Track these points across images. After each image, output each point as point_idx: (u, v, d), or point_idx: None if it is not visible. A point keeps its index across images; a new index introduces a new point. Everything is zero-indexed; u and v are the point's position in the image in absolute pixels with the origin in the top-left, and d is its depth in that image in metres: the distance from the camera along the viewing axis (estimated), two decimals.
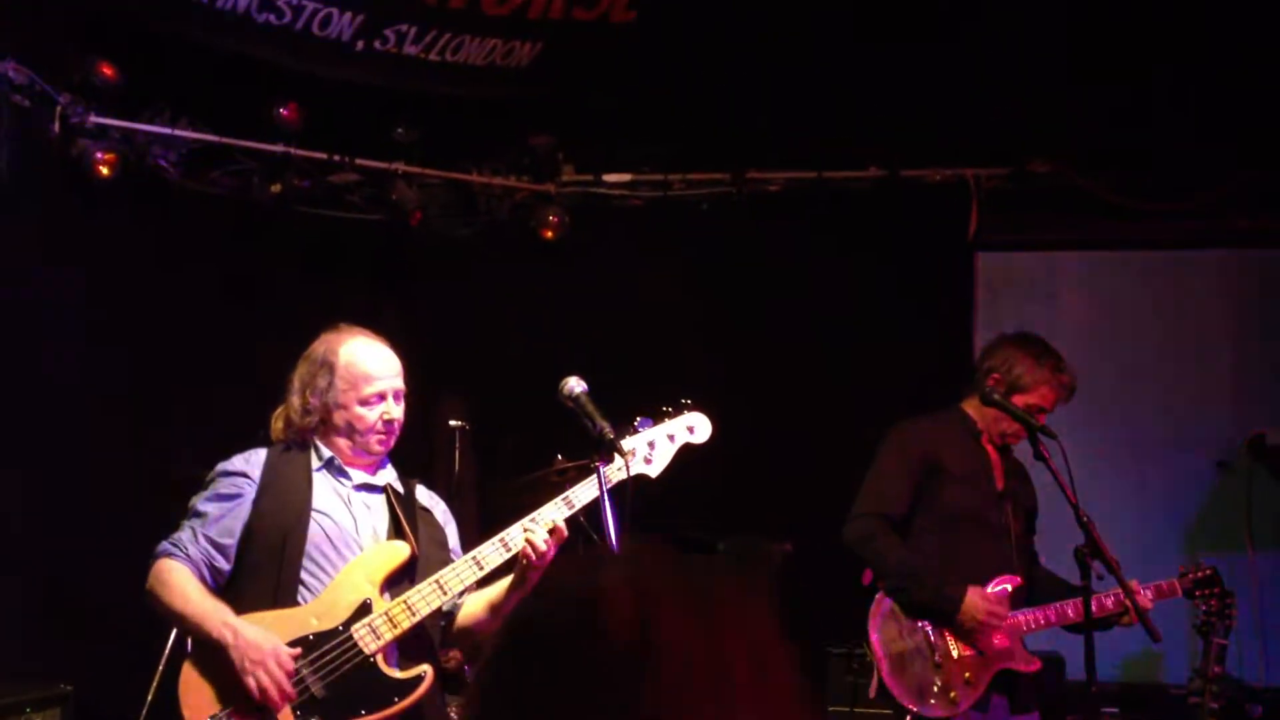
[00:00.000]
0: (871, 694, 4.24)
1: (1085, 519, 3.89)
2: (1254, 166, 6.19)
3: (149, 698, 4.44)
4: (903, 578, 4.20)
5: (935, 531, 4.27)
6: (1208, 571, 4.45)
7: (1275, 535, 6.08)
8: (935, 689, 4.14)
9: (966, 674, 4.17)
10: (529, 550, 3.36)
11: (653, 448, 3.57)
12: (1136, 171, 6.32)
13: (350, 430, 3.51)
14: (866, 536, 4.23)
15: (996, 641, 4.21)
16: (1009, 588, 4.28)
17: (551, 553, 3.39)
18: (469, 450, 5.69)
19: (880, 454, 4.40)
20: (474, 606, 3.56)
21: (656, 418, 3.62)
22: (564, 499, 3.46)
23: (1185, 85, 6.02)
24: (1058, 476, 3.97)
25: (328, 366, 3.52)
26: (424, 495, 3.70)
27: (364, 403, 3.50)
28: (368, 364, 3.53)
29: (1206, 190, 6.25)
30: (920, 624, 4.21)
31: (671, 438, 3.62)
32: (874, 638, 4.22)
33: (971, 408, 4.42)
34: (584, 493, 3.46)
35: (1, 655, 4.94)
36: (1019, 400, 4.27)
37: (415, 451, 4.04)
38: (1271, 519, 6.09)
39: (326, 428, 3.53)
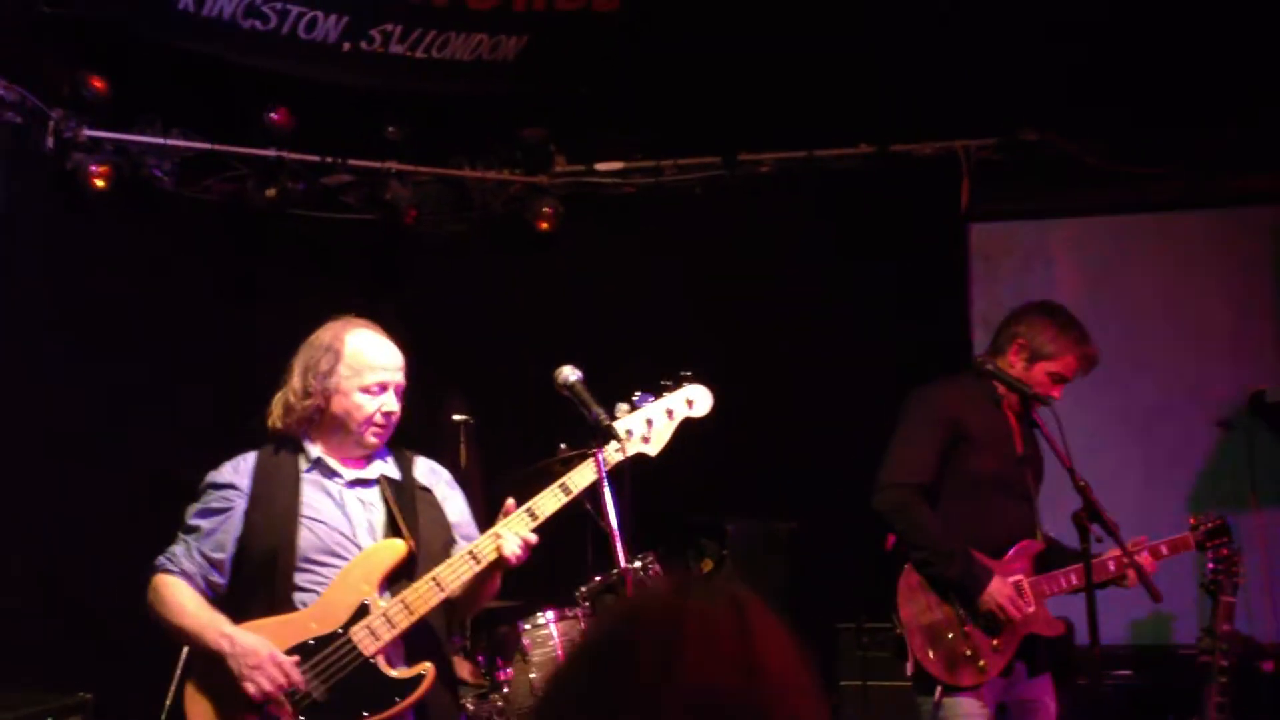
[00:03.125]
0: (909, 672, 4.22)
1: (1082, 483, 3.91)
2: (1242, 125, 6.20)
3: (168, 703, 4.48)
4: (933, 553, 4.21)
5: (961, 497, 4.28)
6: (1218, 522, 4.46)
7: (1279, 491, 6.11)
8: (965, 658, 4.16)
9: (994, 641, 4.20)
10: (512, 551, 3.36)
11: (651, 425, 3.49)
12: (1125, 135, 6.34)
13: (347, 419, 3.46)
14: (899, 506, 4.23)
15: (1024, 609, 4.23)
16: (1024, 578, 4.29)
17: (528, 552, 3.38)
18: (473, 443, 5.73)
19: (906, 420, 4.38)
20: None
21: (656, 393, 3.54)
22: (561, 485, 3.43)
23: (1171, 47, 6.02)
24: (1052, 442, 4.00)
25: (333, 352, 3.47)
26: (423, 472, 3.63)
27: (365, 390, 3.46)
28: (373, 354, 3.50)
29: (1195, 151, 6.26)
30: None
31: (670, 413, 3.53)
32: (904, 612, 4.22)
33: (990, 368, 4.42)
34: (580, 478, 3.41)
35: (22, 665, 4.99)
36: (1042, 367, 4.31)
37: (420, 447, 4.07)
38: (1274, 475, 6.11)
39: (322, 418, 3.48)
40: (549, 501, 3.43)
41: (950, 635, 4.18)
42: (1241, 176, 6.31)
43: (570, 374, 3.38)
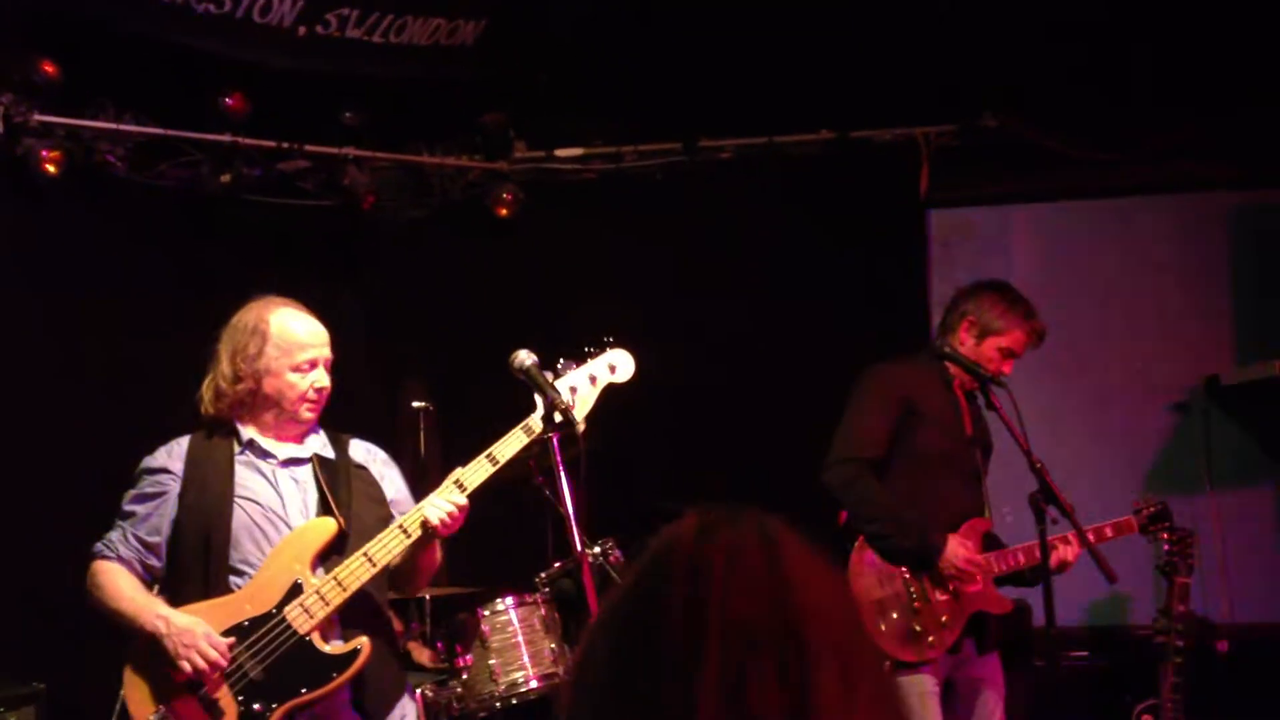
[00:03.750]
0: None
1: (1038, 465, 3.94)
2: (1200, 112, 6.24)
3: (122, 693, 4.44)
4: (886, 524, 4.23)
5: (911, 475, 4.31)
6: (1160, 506, 4.54)
7: (1233, 473, 6.18)
8: (914, 634, 4.19)
9: (943, 618, 4.22)
10: (442, 519, 3.41)
11: (574, 392, 3.54)
12: (1084, 122, 6.37)
13: (280, 398, 3.51)
14: (848, 481, 4.25)
15: (971, 585, 4.26)
16: (978, 549, 4.32)
17: (460, 520, 3.43)
18: (433, 430, 5.71)
19: (857, 397, 4.41)
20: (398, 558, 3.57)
21: (579, 359, 3.60)
22: (488, 455, 3.49)
23: (1130, 34, 6.06)
24: (1009, 424, 4.03)
25: (259, 334, 3.52)
26: (359, 451, 3.68)
27: (296, 369, 3.51)
28: (299, 332, 3.55)
29: (1153, 138, 6.31)
30: (898, 570, 4.25)
31: (594, 379, 3.59)
32: (855, 587, 4.24)
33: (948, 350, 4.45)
34: (507, 448, 3.49)
35: None
36: (992, 343, 4.35)
37: (379, 435, 4.05)
38: (1229, 458, 6.18)
39: (253, 400, 3.53)
40: (477, 473, 3.48)
41: (900, 611, 4.20)
42: (1199, 163, 6.36)
43: (526, 358, 3.42)
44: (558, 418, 3.39)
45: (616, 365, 3.62)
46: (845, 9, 6.07)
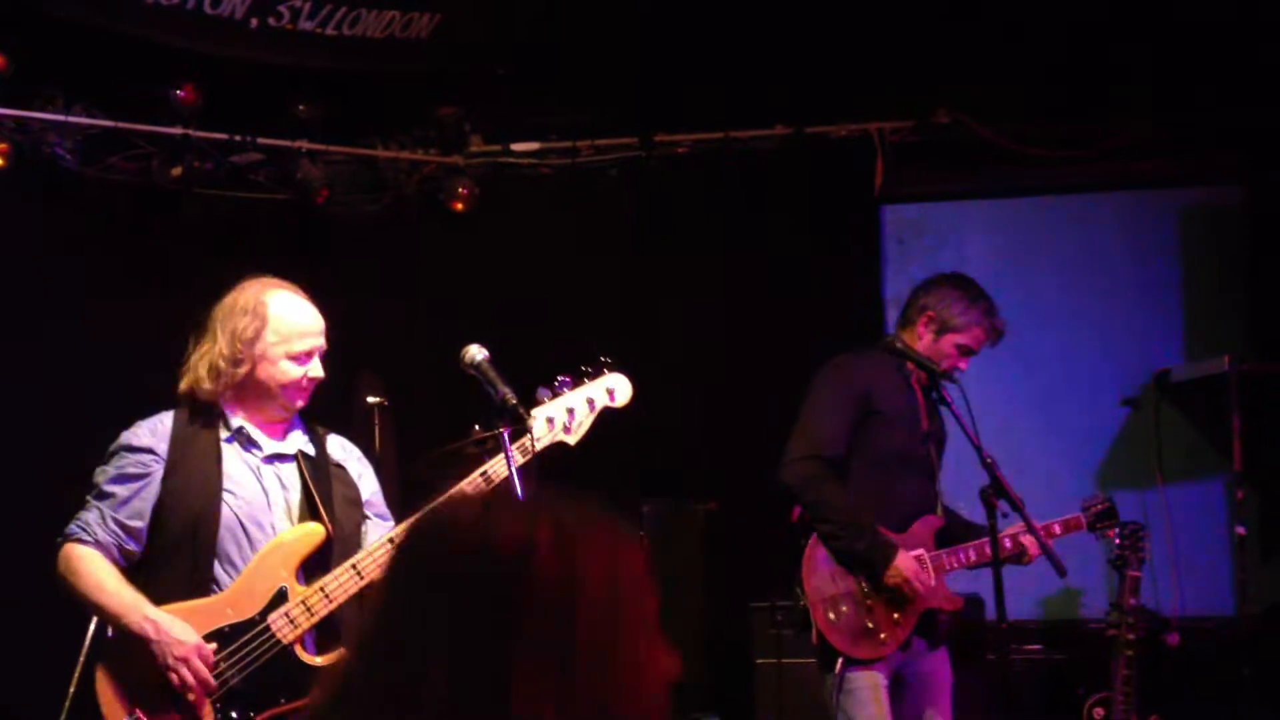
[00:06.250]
0: (815, 641, 4.26)
1: (989, 460, 3.95)
2: (1152, 111, 6.30)
3: (70, 691, 4.39)
4: (840, 526, 4.22)
5: (869, 471, 4.30)
6: (1106, 505, 4.57)
7: (1183, 468, 6.23)
8: (866, 631, 4.20)
9: (895, 615, 4.24)
10: None
11: (572, 415, 3.48)
12: (1037, 120, 6.41)
13: (272, 385, 3.40)
14: (807, 479, 4.24)
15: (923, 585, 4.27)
16: (925, 552, 4.33)
17: None
18: (388, 427, 5.67)
19: (815, 393, 4.38)
20: None
21: (576, 379, 3.53)
22: (482, 474, 3.42)
23: (1084, 34, 6.10)
24: (960, 420, 4.04)
25: (256, 317, 3.39)
26: (336, 448, 3.61)
27: (293, 358, 3.40)
28: (298, 319, 3.43)
29: (1106, 136, 6.35)
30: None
31: (591, 403, 3.52)
32: (808, 585, 4.25)
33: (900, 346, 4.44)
34: (502, 466, 3.39)
35: None
36: (950, 339, 4.35)
37: (333, 430, 4.02)
38: (1179, 453, 6.24)
39: (244, 384, 3.41)
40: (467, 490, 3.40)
41: (853, 608, 4.21)
42: (1150, 161, 6.41)
43: (477, 353, 3.33)
44: (540, 434, 3.35)
45: (615, 389, 3.56)
46: (801, 4, 6.08)
